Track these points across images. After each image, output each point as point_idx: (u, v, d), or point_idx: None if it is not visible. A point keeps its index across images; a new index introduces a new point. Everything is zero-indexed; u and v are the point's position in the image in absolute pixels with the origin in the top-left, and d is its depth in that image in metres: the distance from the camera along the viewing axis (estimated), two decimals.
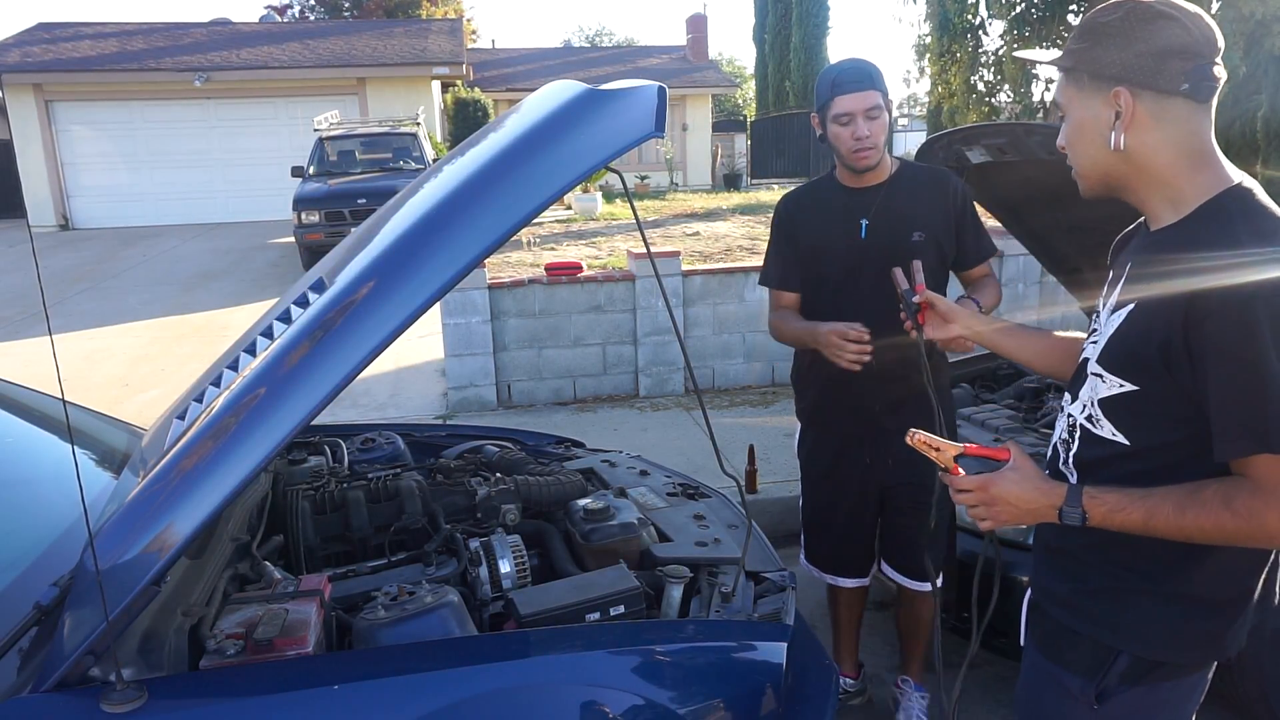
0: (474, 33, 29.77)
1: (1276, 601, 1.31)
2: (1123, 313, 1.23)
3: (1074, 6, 9.80)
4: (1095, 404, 1.27)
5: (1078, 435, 1.31)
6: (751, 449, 4.14)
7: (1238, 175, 1.21)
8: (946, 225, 2.26)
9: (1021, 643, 1.46)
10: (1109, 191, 1.28)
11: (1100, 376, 1.25)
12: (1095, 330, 1.33)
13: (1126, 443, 1.23)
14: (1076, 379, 1.35)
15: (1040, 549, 1.43)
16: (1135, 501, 1.17)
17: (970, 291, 2.28)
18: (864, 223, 2.24)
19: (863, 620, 2.71)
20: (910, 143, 24.31)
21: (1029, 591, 1.46)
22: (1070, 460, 1.33)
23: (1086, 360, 1.32)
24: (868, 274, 2.20)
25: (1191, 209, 1.19)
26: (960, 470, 1.32)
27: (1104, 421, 1.26)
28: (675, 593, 1.81)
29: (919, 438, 1.34)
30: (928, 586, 2.40)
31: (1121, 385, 1.22)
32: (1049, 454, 1.41)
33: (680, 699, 1.53)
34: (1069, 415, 1.34)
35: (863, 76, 2.11)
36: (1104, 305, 1.32)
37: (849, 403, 2.32)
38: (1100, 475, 1.25)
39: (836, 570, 2.55)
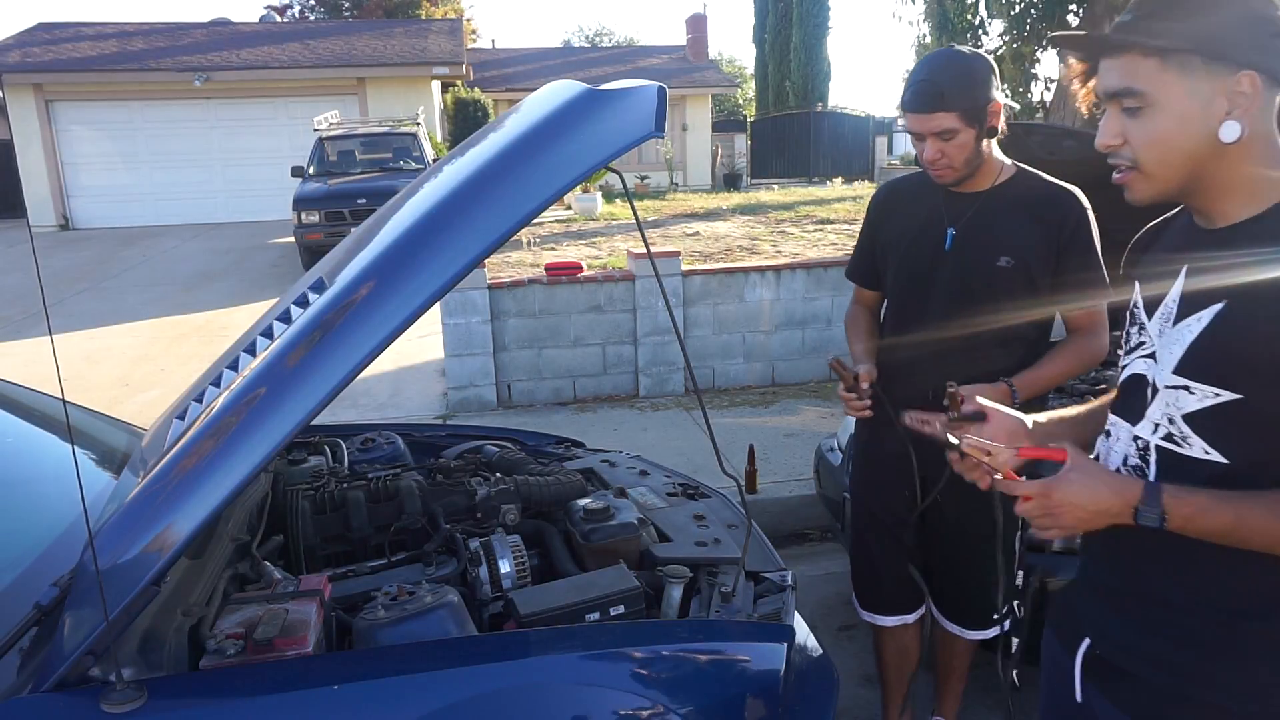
0: (474, 33, 29.78)
1: None
2: (1204, 315, 1.09)
3: (1073, 6, 9.80)
4: (1179, 420, 1.11)
5: (1153, 459, 1.15)
6: (751, 449, 4.14)
7: None
8: (1045, 255, 1.95)
9: (1079, 698, 1.28)
10: (1180, 195, 1.14)
11: (1184, 389, 1.11)
12: (1143, 344, 1.20)
13: (1225, 460, 1.08)
14: (1133, 398, 1.20)
15: (1109, 594, 1.24)
16: (1221, 503, 1.04)
17: (1064, 343, 2.02)
18: (951, 232, 2.01)
19: (912, 683, 2.44)
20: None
21: (1086, 642, 1.26)
22: None
23: (1140, 376, 1.18)
24: (943, 289, 2.02)
25: (1269, 203, 1.09)
26: (1014, 474, 1.18)
27: (1193, 439, 1.10)
28: (675, 593, 1.81)
29: (969, 443, 1.21)
30: (982, 635, 2.24)
31: (1218, 395, 1.07)
32: None
33: (680, 699, 1.53)
34: (1136, 439, 1.17)
35: (929, 96, 1.87)
36: (1153, 312, 1.18)
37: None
38: None
39: (892, 607, 2.34)
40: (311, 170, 11.64)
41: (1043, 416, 1.38)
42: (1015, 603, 1.71)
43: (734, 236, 9.28)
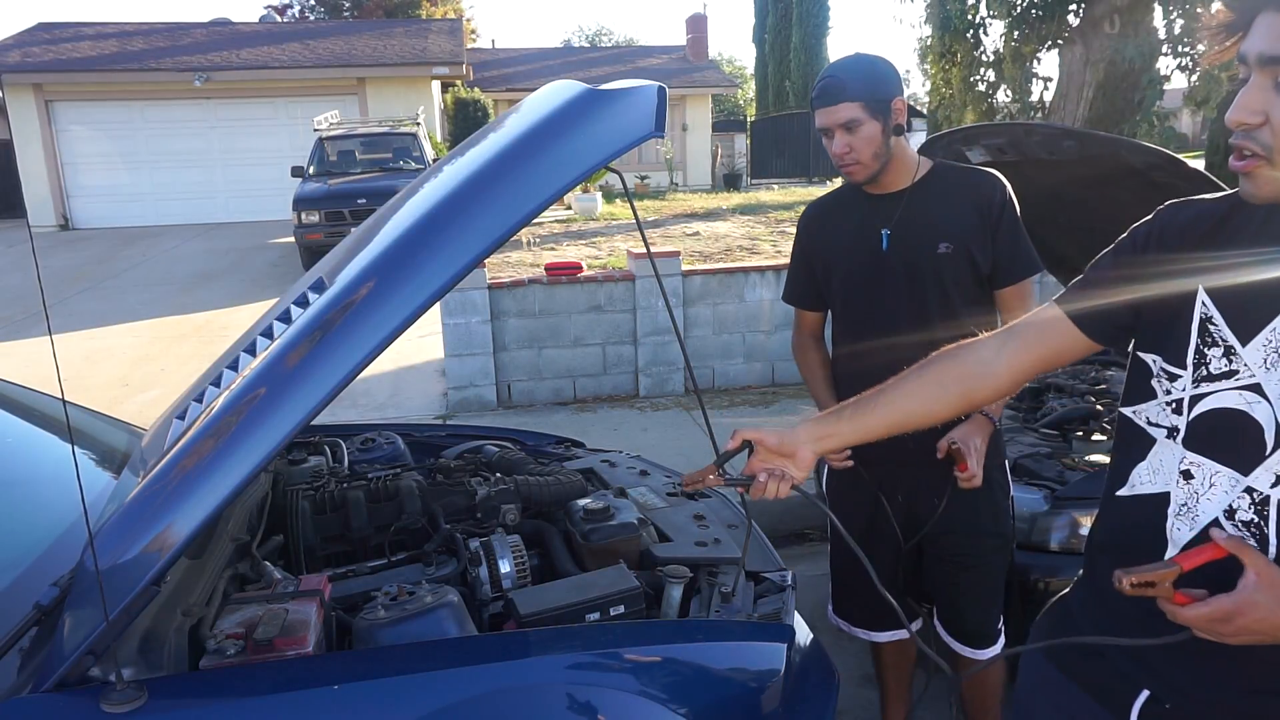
0: (474, 33, 29.79)
1: None
2: None
3: (1073, 6, 9.80)
4: None
5: (1274, 516, 0.99)
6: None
7: None
8: (982, 235, 1.99)
9: None
10: None
11: None
12: (1235, 372, 1.02)
13: None
14: (1235, 439, 1.02)
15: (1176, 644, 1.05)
16: None
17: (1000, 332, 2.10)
18: (885, 233, 2.04)
19: (911, 683, 2.42)
20: (911, 143, 24.29)
21: (1144, 694, 1.11)
22: (1274, 549, 0.99)
23: (1239, 413, 1.01)
24: (891, 289, 2.04)
25: None
26: (1190, 599, 0.98)
27: None
28: (675, 593, 1.81)
29: (1127, 581, 1.01)
30: (988, 653, 2.19)
31: None
32: (1189, 535, 1.07)
33: (680, 699, 1.53)
34: (1251, 491, 1.00)
35: (832, 89, 1.93)
36: (1249, 337, 1.01)
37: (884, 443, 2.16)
38: None
39: (869, 624, 2.29)
40: (311, 170, 11.64)
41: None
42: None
43: (734, 236, 9.28)
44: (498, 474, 2.36)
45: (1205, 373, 1.05)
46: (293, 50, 16.97)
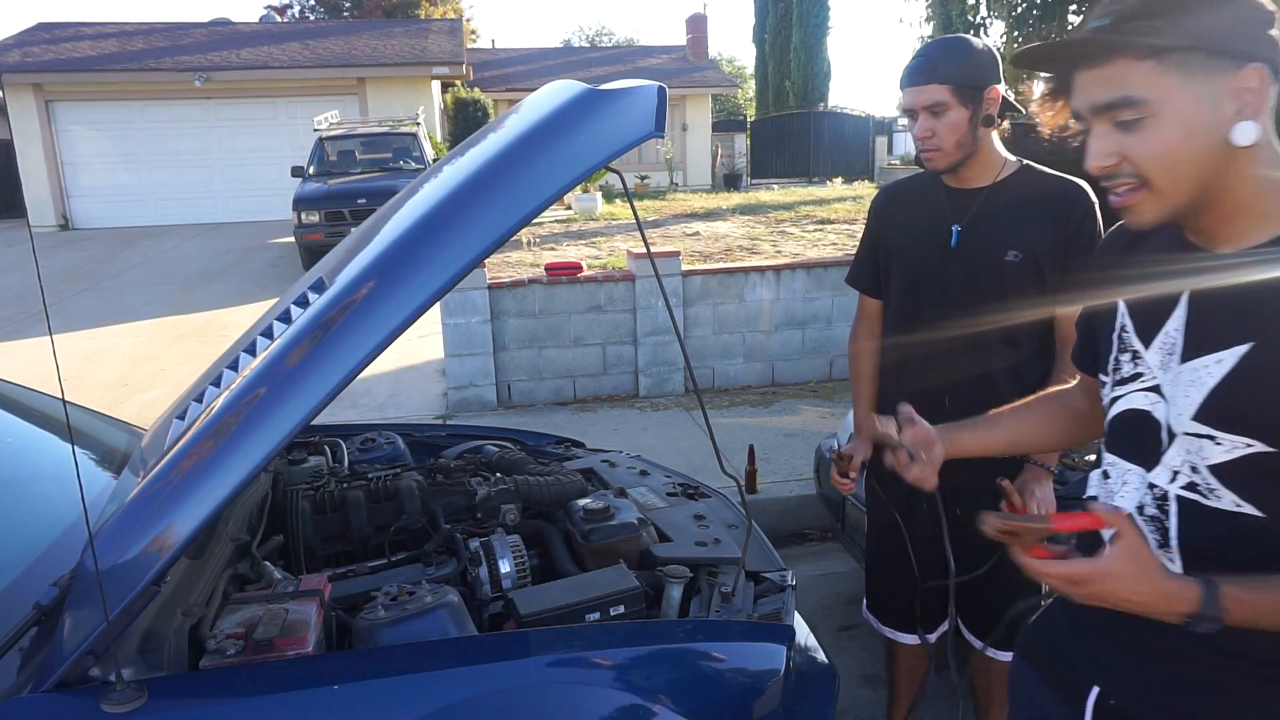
0: (474, 33, 29.79)
1: None
2: (1224, 356, 0.98)
3: (1073, 6, 9.80)
4: (1205, 470, 1.01)
5: (1174, 509, 1.04)
6: (751, 449, 4.14)
7: None
8: (1054, 249, 1.90)
9: None
10: (1189, 213, 1.01)
11: (1210, 438, 1.00)
12: (1141, 375, 1.08)
13: (1261, 514, 0.98)
14: (1139, 438, 1.08)
15: (1119, 638, 1.12)
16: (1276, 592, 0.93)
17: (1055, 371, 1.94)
18: (956, 229, 1.97)
19: (921, 685, 2.36)
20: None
21: (1095, 690, 1.14)
22: (1175, 544, 1.04)
23: (1143, 414, 1.07)
24: (951, 287, 1.99)
25: None
26: (1049, 553, 1.00)
27: (1222, 491, 1.00)
28: (675, 593, 1.81)
29: (992, 523, 1.02)
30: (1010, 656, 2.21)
31: (1250, 445, 0.96)
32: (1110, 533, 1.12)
33: (680, 699, 1.53)
34: (1152, 487, 1.06)
35: (923, 68, 1.85)
36: (1150, 339, 1.07)
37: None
38: (1221, 558, 0.99)
39: (899, 624, 2.27)
40: (311, 170, 11.64)
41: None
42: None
43: (734, 236, 9.28)
44: (498, 474, 2.36)
45: (1119, 377, 1.12)
46: (293, 50, 16.96)
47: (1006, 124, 1.99)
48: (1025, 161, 2.05)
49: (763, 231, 9.67)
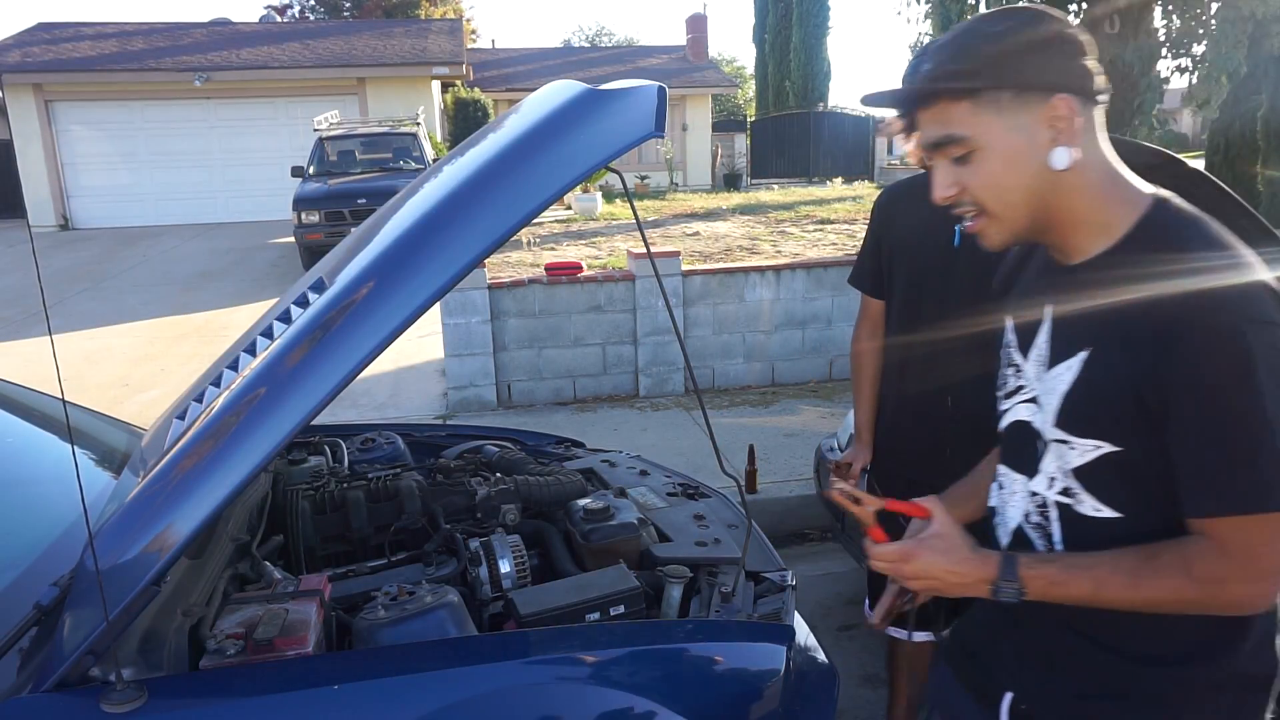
0: (474, 33, 29.79)
1: None
2: (1073, 362, 1.05)
3: (1072, 6, 9.80)
4: (1069, 475, 1.06)
5: (1054, 515, 1.10)
6: (751, 449, 4.14)
7: (1148, 184, 1.08)
8: None
9: None
10: (1033, 233, 1.08)
11: (1065, 443, 1.06)
12: (1021, 387, 1.15)
13: (1119, 515, 1.04)
14: (1023, 448, 1.14)
15: (1030, 645, 1.17)
16: (1080, 571, 1.01)
17: None
18: (959, 229, 1.96)
19: (923, 685, 2.44)
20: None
21: (1009, 696, 1.19)
22: (1060, 550, 1.11)
23: (1025, 424, 1.13)
24: (954, 287, 1.99)
25: (1125, 230, 1.04)
26: (881, 533, 1.13)
27: (1084, 495, 1.06)
28: (675, 593, 1.81)
29: (837, 488, 1.18)
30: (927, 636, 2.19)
31: (1098, 447, 1.02)
32: (1006, 543, 1.18)
33: (680, 699, 1.53)
34: (1034, 494, 1.12)
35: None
36: (1027, 354, 1.14)
37: (923, 441, 2.12)
38: None
39: (899, 622, 2.36)
40: (311, 170, 11.64)
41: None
42: None
43: (734, 236, 9.28)
44: (498, 474, 2.36)
45: (1006, 391, 1.20)
46: (293, 50, 16.96)
47: None
48: None
49: (763, 231, 9.67)
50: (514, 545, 1.89)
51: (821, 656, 1.93)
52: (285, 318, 1.68)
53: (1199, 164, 4.10)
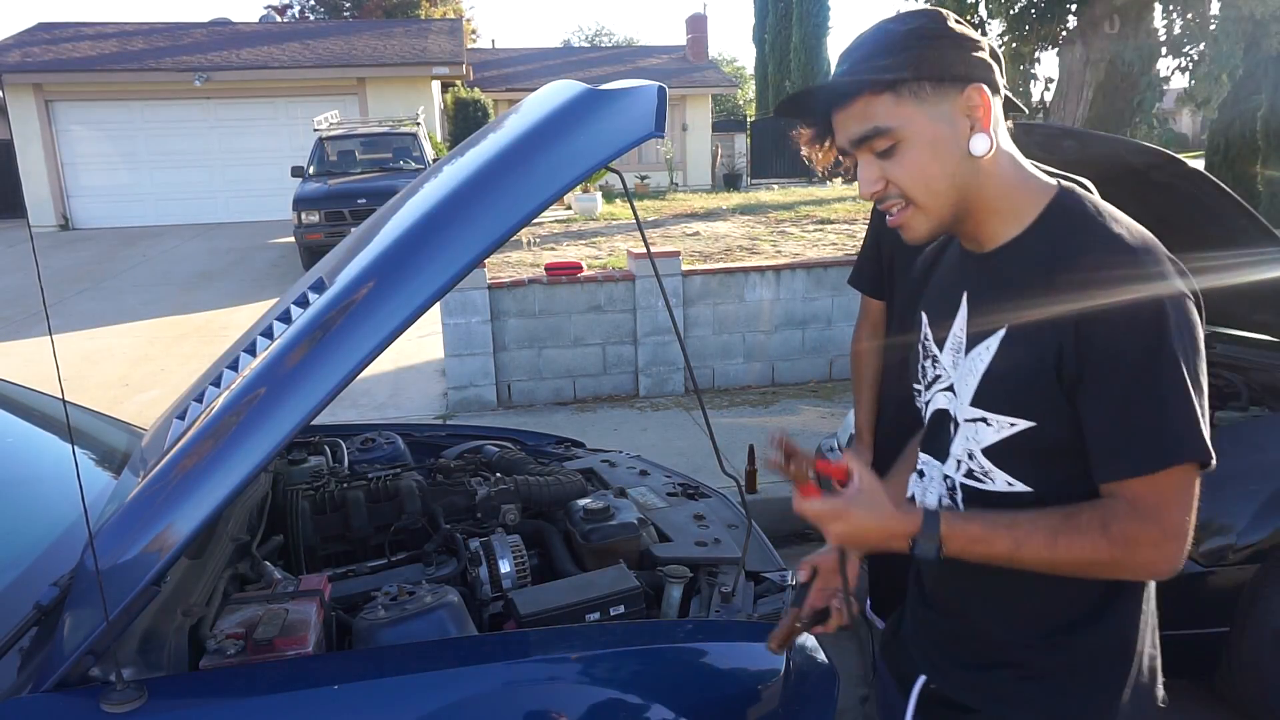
0: (474, 33, 29.79)
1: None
2: (991, 343, 1.09)
3: (1072, 6, 9.80)
4: (979, 454, 1.12)
5: (960, 498, 1.15)
6: (751, 449, 4.14)
7: (1051, 175, 1.14)
8: None
9: None
10: (955, 221, 1.12)
11: (982, 420, 1.10)
12: (939, 376, 1.20)
13: (1030, 489, 1.09)
14: (939, 434, 1.19)
15: (939, 626, 1.24)
16: (1002, 530, 1.04)
17: None
18: None
19: None
20: None
21: (921, 679, 1.25)
22: None
23: (943, 411, 1.18)
24: None
25: (1034, 216, 1.10)
26: (813, 488, 1.14)
27: (995, 472, 1.11)
28: (675, 593, 1.81)
29: (779, 437, 1.22)
30: None
31: (1014, 424, 1.07)
32: None
33: (680, 699, 1.53)
34: (945, 478, 1.17)
35: None
36: (943, 343, 1.19)
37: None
38: None
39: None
40: (311, 170, 11.64)
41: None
42: None
43: (734, 236, 9.28)
44: (498, 474, 2.36)
45: (926, 382, 1.25)
46: (293, 50, 16.96)
47: (1010, 123, 1.99)
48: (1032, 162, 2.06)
49: (763, 231, 9.66)
50: (514, 545, 1.89)
51: (821, 656, 1.93)
52: (285, 318, 1.68)
53: (1199, 164, 4.11)
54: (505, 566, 1.84)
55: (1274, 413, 2.87)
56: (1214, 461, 0.99)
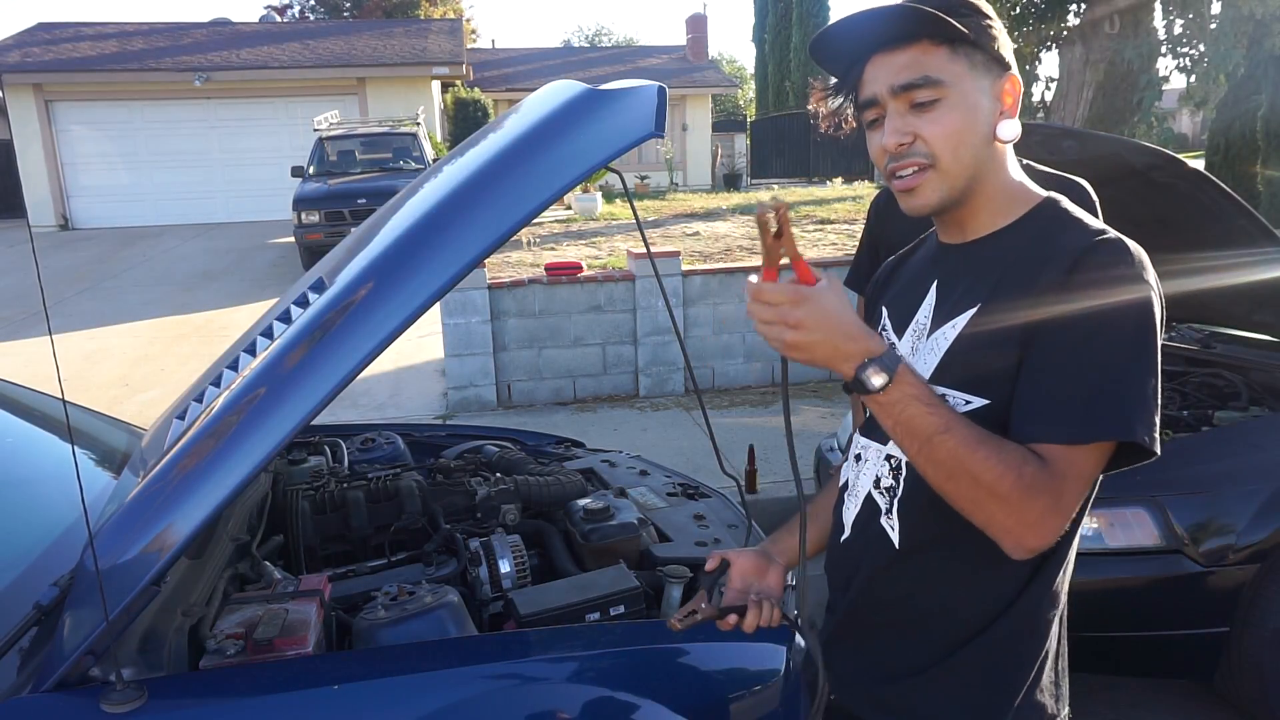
0: (474, 33, 29.78)
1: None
2: (959, 321, 1.08)
3: (1073, 6, 9.80)
4: None
5: (904, 477, 1.13)
6: (751, 449, 4.14)
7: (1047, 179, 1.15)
8: None
9: None
10: (961, 197, 1.09)
11: (941, 398, 1.06)
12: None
13: None
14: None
15: (851, 640, 1.25)
16: (942, 407, 0.98)
17: None
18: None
19: None
20: None
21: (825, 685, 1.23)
22: (894, 509, 1.13)
23: None
24: None
25: (1020, 214, 1.10)
26: (774, 275, 1.04)
27: None
28: (675, 593, 1.81)
29: (782, 209, 1.04)
30: None
31: (969, 401, 1.05)
32: (853, 512, 1.21)
33: (680, 699, 1.53)
34: (889, 459, 1.15)
35: None
36: (903, 332, 1.18)
37: None
38: (943, 512, 1.03)
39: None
40: (311, 170, 11.64)
41: None
42: None
43: (734, 236, 9.28)
44: (498, 474, 2.36)
45: None
46: (293, 50, 16.96)
47: None
48: (1026, 160, 2.05)
49: None
50: (514, 545, 1.89)
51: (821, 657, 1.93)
52: (285, 318, 1.68)
53: (1199, 164, 4.10)
54: (505, 566, 1.84)
55: (1274, 413, 2.87)
56: (1158, 450, 0.98)
